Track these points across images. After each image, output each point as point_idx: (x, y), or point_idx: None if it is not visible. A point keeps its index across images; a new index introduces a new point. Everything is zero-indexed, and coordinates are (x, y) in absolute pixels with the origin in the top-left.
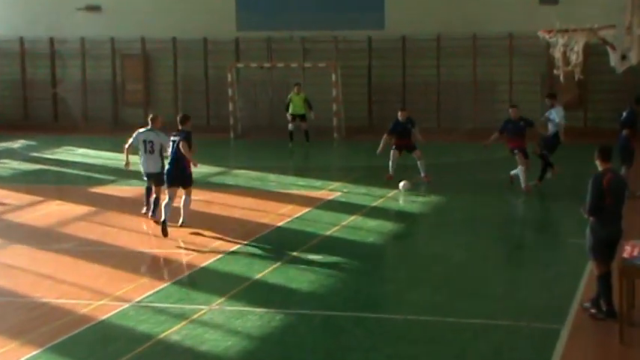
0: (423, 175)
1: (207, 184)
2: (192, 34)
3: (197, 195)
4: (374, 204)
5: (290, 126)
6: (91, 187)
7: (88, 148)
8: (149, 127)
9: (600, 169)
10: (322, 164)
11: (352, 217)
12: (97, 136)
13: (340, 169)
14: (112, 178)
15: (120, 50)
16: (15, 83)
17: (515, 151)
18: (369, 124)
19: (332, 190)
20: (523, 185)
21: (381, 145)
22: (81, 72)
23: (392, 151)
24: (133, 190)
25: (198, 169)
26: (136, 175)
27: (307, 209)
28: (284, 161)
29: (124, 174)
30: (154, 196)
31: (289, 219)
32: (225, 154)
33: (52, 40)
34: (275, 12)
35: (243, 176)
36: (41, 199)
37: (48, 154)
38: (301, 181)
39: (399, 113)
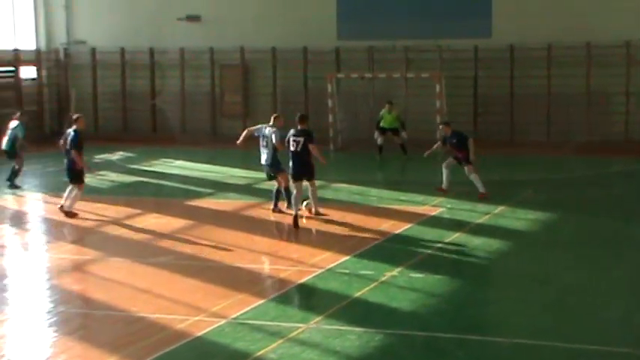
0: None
1: (306, 198)
2: (292, 44)
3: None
4: (479, 221)
5: (379, 139)
6: (189, 200)
7: (186, 160)
8: (271, 123)
9: None
10: (424, 178)
11: (456, 235)
12: (195, 148)
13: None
14: (209, 191)
15: (219, 61)
16: (115, 95)
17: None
18: (475, 137)
19: (435, 206)
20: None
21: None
22: (180, 83)
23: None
24: (230, 203)
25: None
26: (233, 188)
27: (409, 225)
28: (385, 175)
29: (221, 187)
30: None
31: (390, 235)
32: (325, 167)
33: (152, 51)
34: (377, 20)
35: (344, 190)
36: (139, 211)
37: (146, 166)
38: (403, 196)
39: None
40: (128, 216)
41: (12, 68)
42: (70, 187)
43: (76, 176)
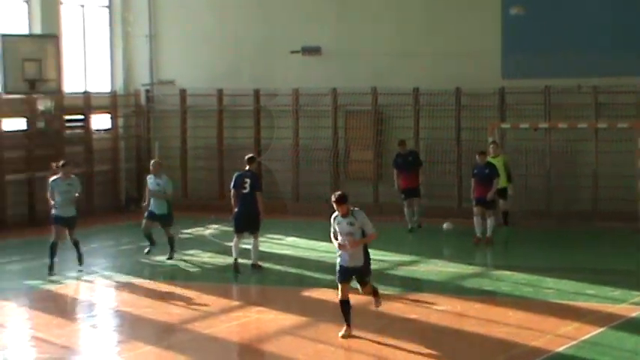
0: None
1: (458, 289)
2: (440, 85)
3: (444, 304)
4: None
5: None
6: (302, 290)
7: (300, 236)
8: None
9: None
10: (621, 266)
11: None
12: (312, 221)
13: None
14: (329, 277)
15: (344, 106)
16: (209, 150)
17: None
18: None
19: (637, 304)
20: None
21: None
22: (293, 134)
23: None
24: (355, 296)
25: (444, 269)
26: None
27: (599, 329)
28: (566, 260)
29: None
30: None
31: (573, 342)
32: (483, 248)
33: (257, 94)
34: (555, 53)
35: (508, 279)
36: (238, 303)
37: (248, 244)
38: (591, 289)
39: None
40: (224, 309)
41: (81, 117)
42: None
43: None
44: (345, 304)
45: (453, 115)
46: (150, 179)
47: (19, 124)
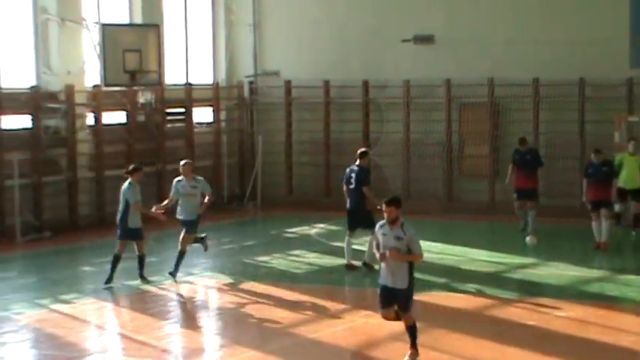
0: None
1: (580, 294)
2: (563, 75)
3: (565, 309)
4: None
5: (617, 207)
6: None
7: None
8: None
9: None
10: None
11: None
12: (423, 219)
13: None
14: (441, 280)
15: (458, 97)
16: (316, 145)
17: None
18: None
19: None
20: None
21: None
22: (403, 128)
23: None
24: (470, 299)
25: (565, 273)
26: (475, 276)
27: None
28: None
29: (458, 275)
30: None
31: None
32: (607, 252)
33: (366, 85)
34: None
35: (635, 284)
36: (345, 306)
37: (356, 244)
38: None
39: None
40: (330, 313)
41: (182, 110)
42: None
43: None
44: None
45: (575, 108)
46: (180, 183)
47: (119, 117)
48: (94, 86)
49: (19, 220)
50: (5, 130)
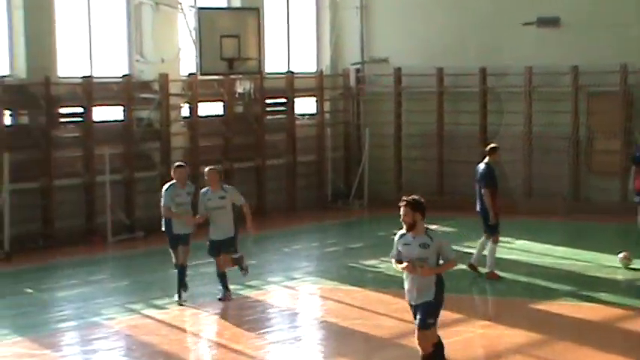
0: None
1: None
2: None
3: None
4: None
5: None
6: (534, 302)
7: (532, 239)
8: None
9: None
10: None
11: None
12: (547, 221)
13: None
14: (567, 288)
15: (586, 86)
16: (428, 138)
17: None
18: None
19: None
20: None
21: None
22: (524, 120)
23: None
24: (600, 309)
25: None
26: (605, 284)
27: None
28: None
29: (586, 283)
30: None
31: None
32: None
33: (483, 73)
34: None
35: None
36: (460, 316)
37: (469, 247)
38: None
39: None
40: (443, 322)
41: (283, 100)
42: (481, 240)
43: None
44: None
45: None
46: (206, 194)
47: (215, 108)
48: (190, 75)
49: (109, 219)
50: (96, 122)
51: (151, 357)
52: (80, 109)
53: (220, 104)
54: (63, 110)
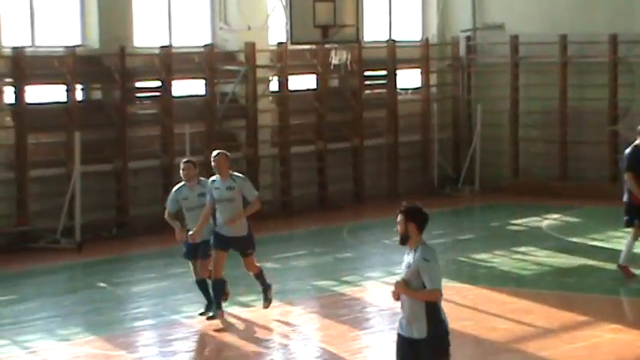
0: None
1: None
2: None
3: None
4: None
5: None
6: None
7: None
8: None
9: None
10: None
11: None
12: None
13: None
14: None
15: None
16: (549, 115)
17: None
18: None
19: None
20: None
21: None
22: None
23: None
24: None
25: None
26: None
27: None
28: None
29: None
30: None
31: None
32: None
33: (613, 41)
34: None
35: None
36: (585, 318)
37: (600, 241)
38: None
39: None
40: (565, 325)
41: (384, 72)
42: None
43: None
44: None
45: None
46: (215, 184)
47: (307, 81)
48: (279, 44)
49: None
50: (176, 97)
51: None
52: (158, 83)
53: (313, 77)
54: (139, 84)
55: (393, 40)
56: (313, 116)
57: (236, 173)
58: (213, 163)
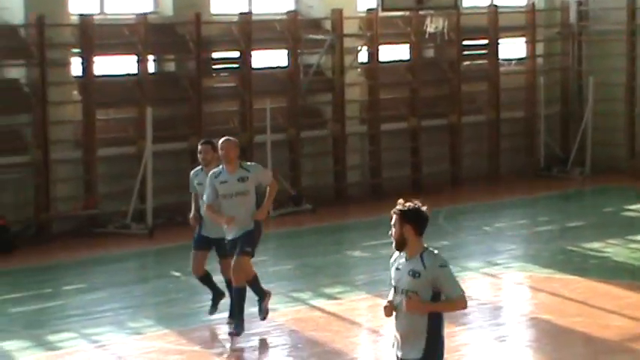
0: None
1: None
2: None
3: None
4: None
5: None
6: None
7: None
8: None
9: None
10: None
11: None
12: None
13: None
14: None
15: None
16: None
17: None
18: None
19: None
20: None
21: None
22: None
23: None
24: None
25: None
26: None
27: None
28: None
29: None
30: None
31: None
32: None
33: None
34: None
35: None
36: None
37: None
38: None
39: None
40: (628, 339)
41: (484, 42)
42: None
43: None
44: None
45: None
46: (218, 178)
47: (400, 52)
48: (369, 11)
49: None
50: (255, 69)
51: (320, 357)
52: (236, 54)
53: (406, 47)
54: (216, 55)
55: (495, 6)
56: (406, 90)
57: (245, 162)
58: (220, 152)
